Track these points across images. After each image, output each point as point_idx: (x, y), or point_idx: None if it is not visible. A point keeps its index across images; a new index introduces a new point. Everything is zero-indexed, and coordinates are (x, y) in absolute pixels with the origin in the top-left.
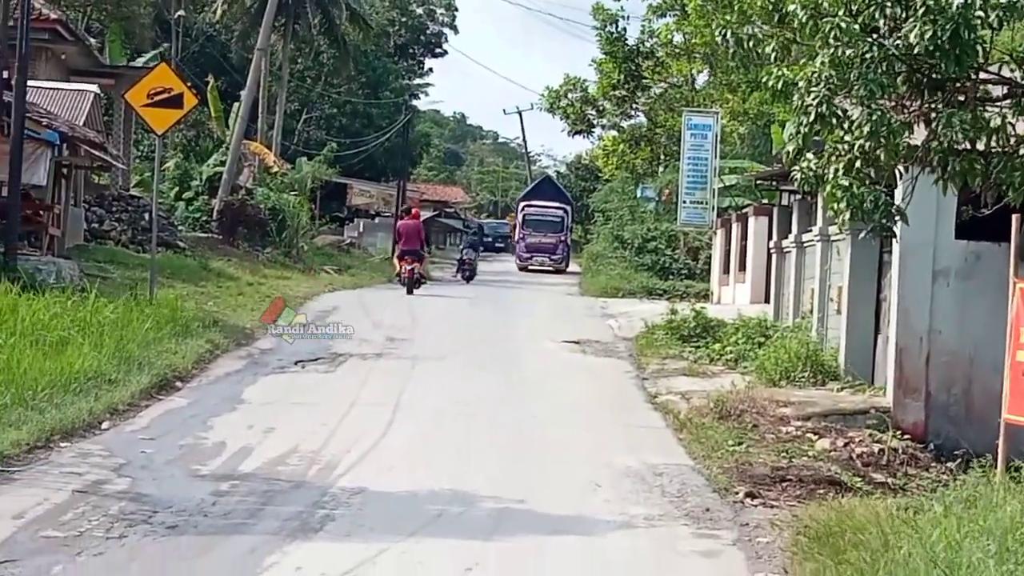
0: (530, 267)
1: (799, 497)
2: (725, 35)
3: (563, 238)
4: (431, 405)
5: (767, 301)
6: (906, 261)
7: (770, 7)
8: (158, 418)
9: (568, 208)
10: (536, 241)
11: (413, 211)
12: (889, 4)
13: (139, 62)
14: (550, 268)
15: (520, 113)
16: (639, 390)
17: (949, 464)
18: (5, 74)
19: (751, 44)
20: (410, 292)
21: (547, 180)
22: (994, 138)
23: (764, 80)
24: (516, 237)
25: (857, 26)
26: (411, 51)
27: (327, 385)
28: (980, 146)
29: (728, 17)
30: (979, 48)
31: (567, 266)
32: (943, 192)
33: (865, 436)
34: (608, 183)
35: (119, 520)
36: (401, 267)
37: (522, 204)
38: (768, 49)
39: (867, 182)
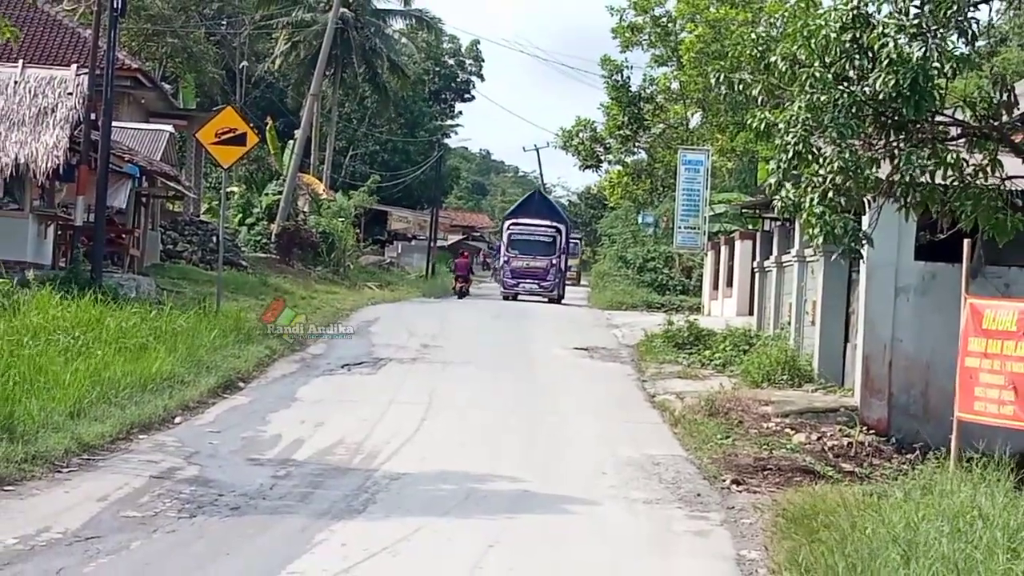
0: (518, 296)
1: (778, 484)
2: (719, 79)
3: (555, 261)
4: (459, 403)
5: (751, 314)
6: (872, 279)
7: (757, 55)
8: (223, 414)
9: (562, 227)
10: (523, 265)
11: (464, 253)
12: (857, 56)
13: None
14: (542, 298)
15: (537, 150)
16: (640, 390)
17: (909, 456)
18: (93, 116)
19: (741, 87)
20: (460, 298)
21: (537, 195)
22: (949, 172)
23: (749, 122)
24: (501, 260)
25: (830, 75)
26: (443, 96)
27: (369, 385)
28: (938, 179)
29: (721, 63)
30: (936, 94)
31: (562, 295)
32: (905, 219)
33: (836, 431)
34: (614, 211)
35: (189, 502)
36: (456, 284)
37: (508, 222)
38: (755, 92)
39: (838, 210)
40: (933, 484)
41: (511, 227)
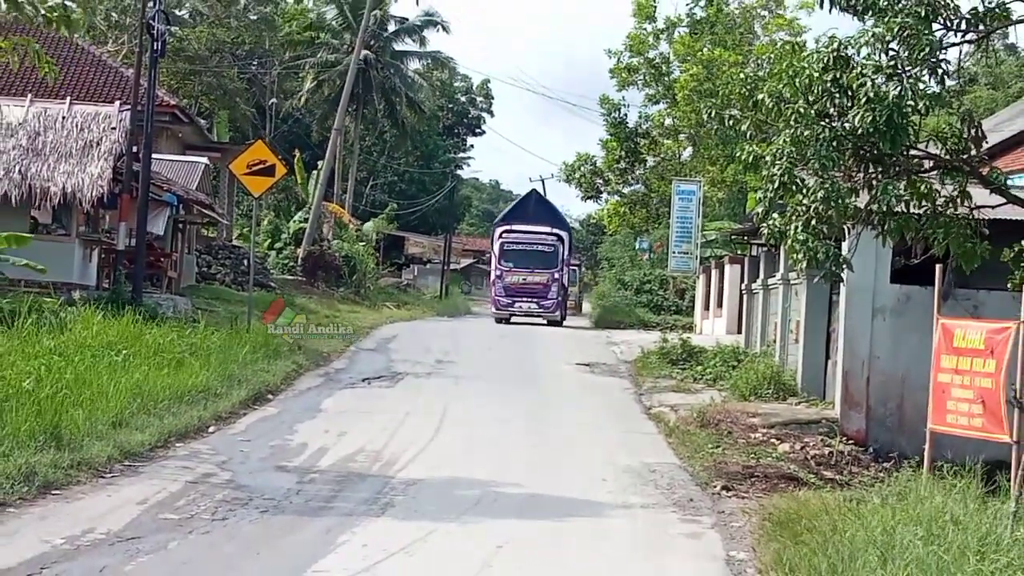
0: (512, 318)
1: (765, 490)
2: (711, 115)
3: (557, 275)
4: (471, 414)
5: (739, 332)
6: (851, 301)
7: (746, 93)
8: (253, 424)
9: (564, 234)
10: (519, 280)
11: None
12: (838, 94)
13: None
14: (540, 319)
15: (543, 181)
16: (637, 403)
17: (885, 464)
18: (134, 148)
19: (731, 123)
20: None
21: (534, 196)
22: (923, 202)
23: (738, 155)
24: (492, 275)
25: (813, 112)
26: (456, 131)
27: (388, 398)
28: (912, 209)
29: (713, 100)
30: (910, 130)
31: (564, 316)
32: (881, 245)
33: (818, 441)
34: (613, 237)
35: (222, 505)
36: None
37: (499, 229)
38: (744, 127)
39: (820, 237)
40: (908, 491)
41: (504, 235)
